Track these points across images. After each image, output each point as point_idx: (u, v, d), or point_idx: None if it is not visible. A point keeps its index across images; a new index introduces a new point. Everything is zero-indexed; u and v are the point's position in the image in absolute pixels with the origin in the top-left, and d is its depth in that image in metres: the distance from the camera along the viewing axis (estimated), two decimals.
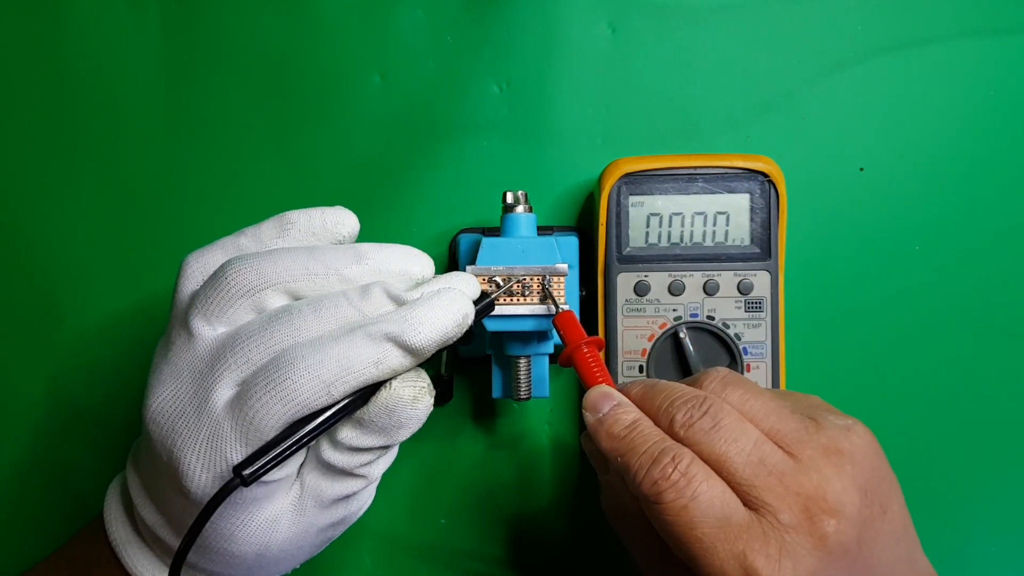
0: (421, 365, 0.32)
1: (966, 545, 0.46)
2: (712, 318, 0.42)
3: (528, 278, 0.37)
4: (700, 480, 0.29)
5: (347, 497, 0.33)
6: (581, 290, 0.43)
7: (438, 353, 0.33)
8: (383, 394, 0.30)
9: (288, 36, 0.47)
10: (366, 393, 0.31)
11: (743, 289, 0.41)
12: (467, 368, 0.46)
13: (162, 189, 0.47)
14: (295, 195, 0.47)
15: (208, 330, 0.31)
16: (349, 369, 0.29)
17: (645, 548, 0.34)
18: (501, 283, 0.36)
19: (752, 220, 0.41)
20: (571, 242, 0.42)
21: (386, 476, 0.46)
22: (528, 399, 0.40)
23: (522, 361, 0.40)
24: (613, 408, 0.33)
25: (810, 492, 0.30)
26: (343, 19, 0.46)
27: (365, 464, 0.32)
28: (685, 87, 0.46)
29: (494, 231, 0.43)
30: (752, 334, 0.42)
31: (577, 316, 0.43)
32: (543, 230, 0.44)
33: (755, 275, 0.41)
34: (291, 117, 0.47)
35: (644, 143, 0.46)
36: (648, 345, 0.42)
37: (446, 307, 0.31)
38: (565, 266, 0.37)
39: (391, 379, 0.31)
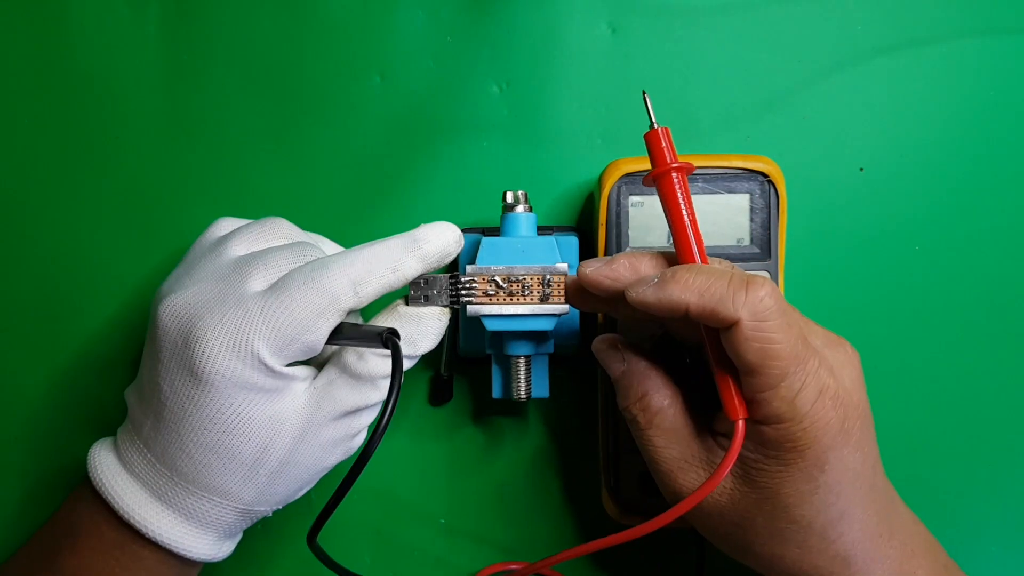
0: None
1: (966, 545, 0.46)
2: None
3: (528, 278, 0.37)
4: (784, 303, 0.31)
5: (358, 411, 0.35)
6: None
7: (438, 352, 0.35)
8: (412, 307, 0.36)
9: (288, 36, 0.47)
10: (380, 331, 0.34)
11: None
12: (467, 368, 0.46)
13: (162, 189, 0.47)
14: (295, 195, 0.47)
15: (240, 248, 0.35)
16: (372, 271, 0.34)
17: (678, 432, 0.34)
18: (501, 283, 0.37)
19: (752, 220, 0.41)
20: (571, 242, 0.42)
21: (386, 475, 0.47)
22: (528, 399, 0.40)
23: (522, 361, 0.40)
24: (679, 267, 0.32)
25: (825, 332, 0.34)
26: (343, 19, 0.46)
27: (384, 376, 0.35)
28: (685, 87, 0.46)
29: (494, 231, 0.43)
30: None
31: (577, 316, 0.43)
32: (543, 230, 0.44)
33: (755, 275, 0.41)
34: (291, 117, 0.47)
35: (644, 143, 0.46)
36: (648, 345, 0.42)
37: (445, 227, 0.36)
38: (565, 266, 0.37)
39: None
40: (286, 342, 0.32)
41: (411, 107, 0.46)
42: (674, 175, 0.34)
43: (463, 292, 0.37)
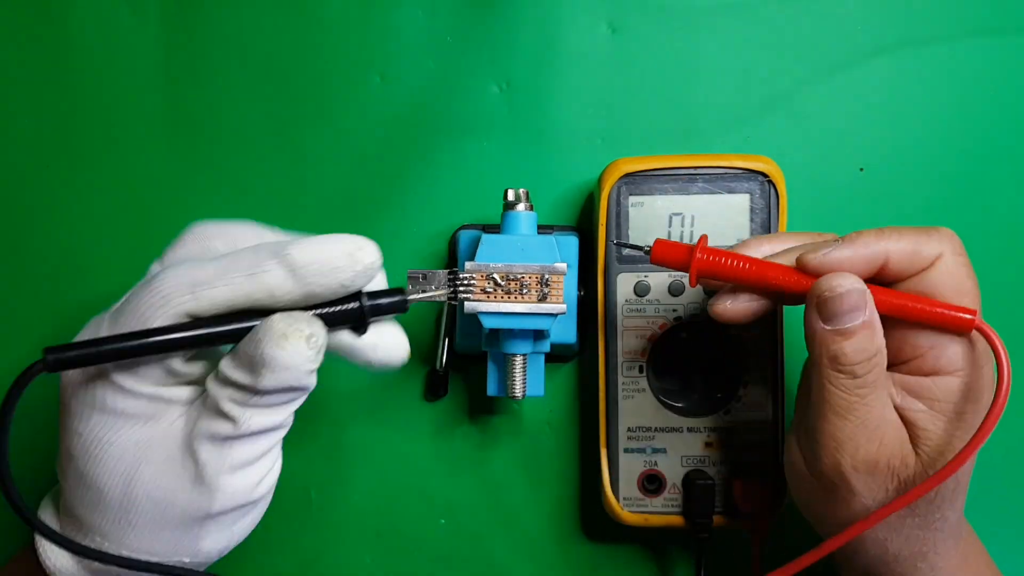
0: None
1: None
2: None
3: (526, 276, 0.37)
4: None
5: (217, 441, 0.30)
6: (579, 290, 0.43)
7: (434, 348, 0.33)
8: (259, 324, 0.29)
9: (288, 36, 0.47)
10: (234, 328, 0.29)
11: None
12: (462, 365, 0.46)
13: (162, 189, 0.47)
14: (295, 195, 0.47)
15: (156, 267, 0.32)
16: (225, 274, 0.29)
17: (885, 393, 0.33)
18: (499, 281, 0.36)
19: (752, 220, 0.41)
20: (571, 242, 0.42)
21: (383, 472, 0.47)
22: (523, 397, 0.40)
23: (518, 359, 0.40)
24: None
25: None
26: (343, 19, 0.46)
27: (235, 403, 0.29)
28: (685, 87, 0.46)
29: (494, 228, 0.43)
30: (752, 334, 0.42)
31: (575, 316, 0.43)
32: (543, 229, 0.44)
33: None
34: (291, 117, 0.47)
35: (644, 143, 0.46)
36: (648, 345, 0.42)
37: (337, 240, 0.30)
38: (564, 265, 0.37)
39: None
40: (131, 363, 0.29)
41: (411, 107, 0.46)
42: (699, 254, 0.34)
43: (461, 288, 0.36)
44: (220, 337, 0.29)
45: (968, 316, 0.32)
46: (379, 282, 0.33)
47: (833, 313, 0.32)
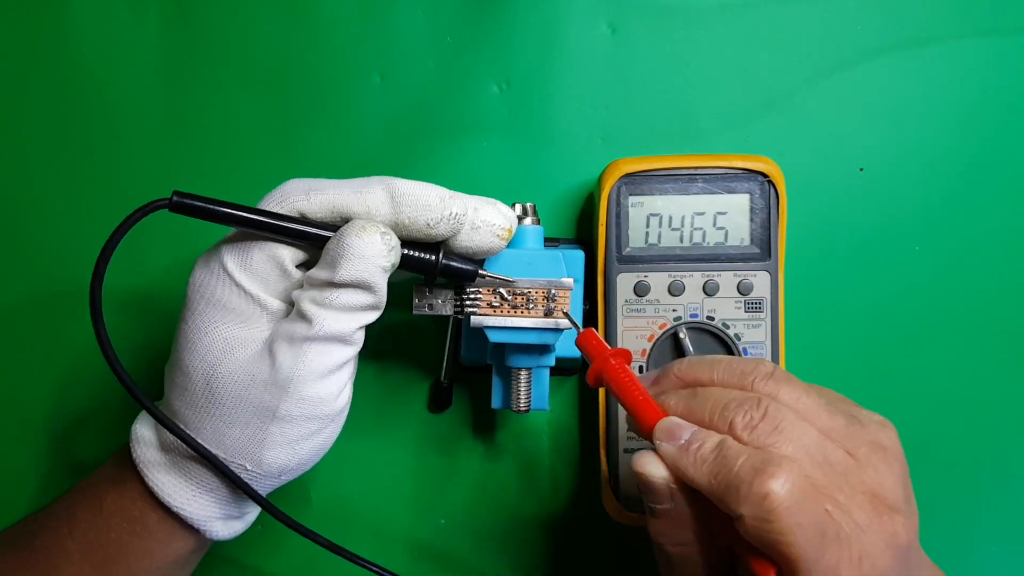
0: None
1: (966, 545, 0.46)
2: (712, 318, 0.42)
3: (533, 291, 0.37)
4: (806, 491, 0.28)
5: (294, 342, 0.32)
6: (585, 304, 0.43)
7: (439, 359, 0.34)
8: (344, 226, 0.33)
9: (288, 36, 0.47)
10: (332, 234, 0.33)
11: (743, 289, 0.41)
12: (467, 377, 0.46)
13: (162, 189, 0.47)
14: None
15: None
16: (334, 186, 0.33)
17: None
18: (505, 295, 0.36)
19: (752, 220, 0.41)
20: (577, 256, 0.42)
21: (387, 478, 0.47)
22: (528, 411, 0.40)
23: (523, 373, 0.40)
24: (694, 434, 0.30)
25: (874, 490, 0.29)
26: (343, 19, 0.46)
27: (314, 302, 0.32)
28: (685, 87, 0.46)
29: None
30: (752, 334, 0.42)
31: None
32: (549, 242, 0.44)
33: (755, 275, 0.41)
34: (291, 117, 0.47)
35: (644, 143, 0.46)
36: (648, 345, 0.42)
37: (436, 187, 0.34)
38: (570, 280, 0.37)
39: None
40: (246, 250, 0.33)
41: (411, 107, 0.46)
42: (612, 360, 0.33)
43: (467, 302, 0.36)
44: (316, 235, 0.33)
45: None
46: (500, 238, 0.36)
47: (643, 490, 0.32)
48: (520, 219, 0.39)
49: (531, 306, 0.37)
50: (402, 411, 0.47)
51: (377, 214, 0.33)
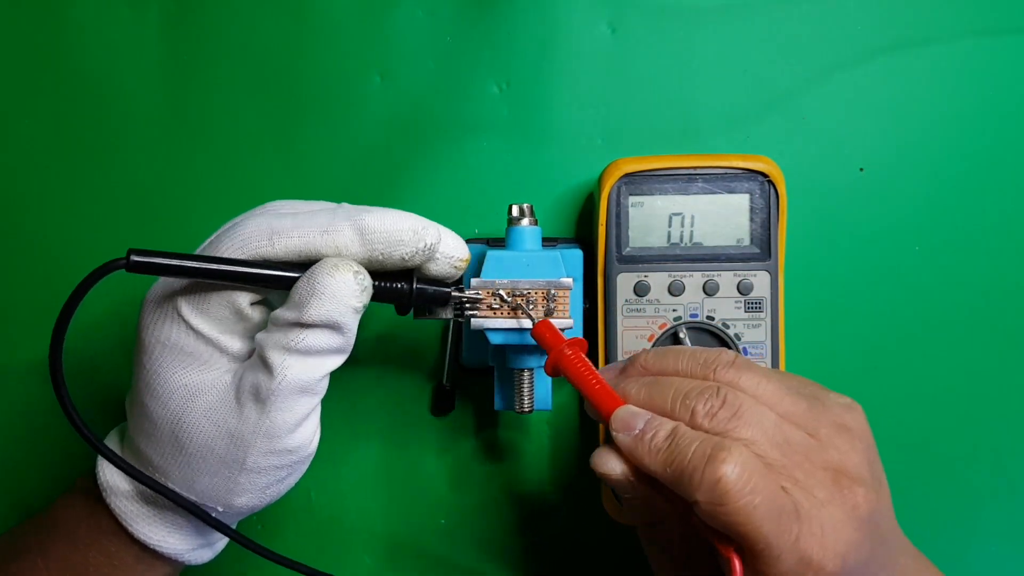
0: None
1: (966, 545, 0.46)
2: (712, 318, 0.42)
3: (532, 292, 0.37)
4: (758, 473, 0.29)
5: (259, 399, 0.31)
6: (585, 302, 0.43)
7: (440, 362, 0.34)
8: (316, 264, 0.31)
9: (288, 36, 0.47)
10: (300, 275, 0.31)
11: (743, 289, 0.41)
12: (469, 379, 0.46)
13: (162, 189, 0.47)
14: (295, 194, 0.46)
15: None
16: (298, 227, 0.31)
17: (675, 562, 0.33)
18: (505, 297, 0.36)
19: (752, 220, 0.41)
20: (575, 255, 0.42)
21: (388, 481, 0.47)
22: (531, 412, 0.40)
23: (525, 374, 0.40)
24: (648, 422, 0.31)
25: (835, 466, 0.30)
26: (343, 19, 0.46)
27: (279, 347, 0.31)
28: (685, 87, 0.46)
29: (499, 242, 0.43)
30: (752, 334, 0.42)
31: (581, 329, 0.43)
32: (547, 242, 0.44)
33: (755, 275, 0.41)
34: (291, 117, 0.47)
35: (644, 143, 0.46)
36: (648, 345, 0.42)
37: (407, 216, 0.32)
38: (570, 280, 0.37)
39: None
40: (203, 296, 0.31)
41: (411, 107, 0.46)
42: (568, 351, 0.34)
43: (467, 305, 0.36)
44: (284, 277, 0.31)
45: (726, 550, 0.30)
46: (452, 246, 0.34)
47: (606, 483, 0.33)
48: (518, 220, 0.39)
49: (531, 307, 0.37)
50: (405, 415, 0.47)
51: (347, 255, 0.32)
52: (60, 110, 0.47)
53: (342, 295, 0.31)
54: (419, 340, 0.46)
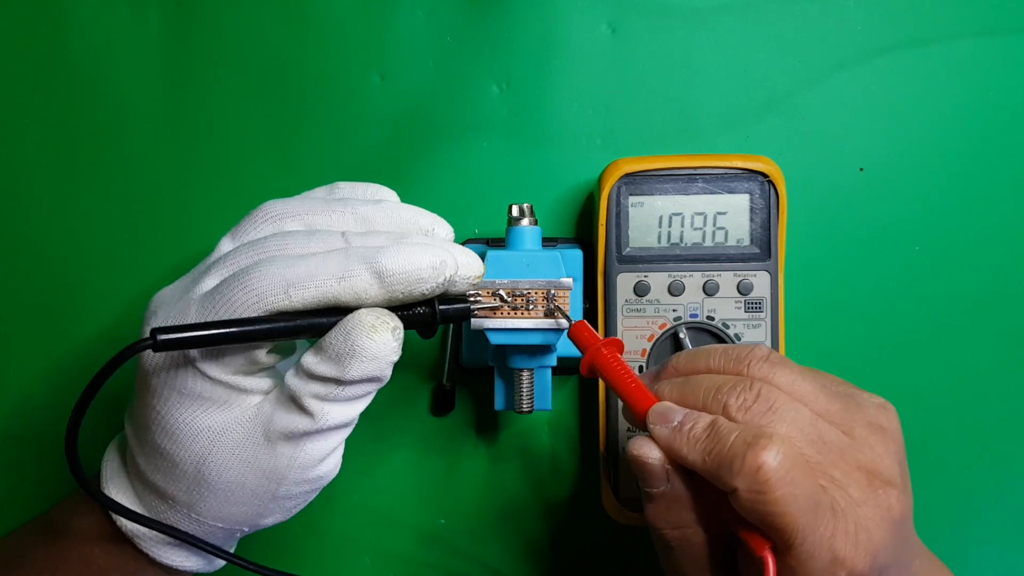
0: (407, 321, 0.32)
1: (966, 545, 0.46)
2: (712, 318, 0.42)
3: (532, 292, 0.37)
4: (799, 464, 0.28)
5: (293, 438, 0.31)
6: (585, 302, 0.43)
7: (440, 363, 0.33)
8: (346, 318, 0.31)
9: (288, 36, 0.47)
10: (326, 321, 0.31)
11: (743, 289, 0.41)
12: (469, 379, 0.46)
13: (162, 189, 0.47)
14: (295, 194, 0.47)
15: (228, 244, 0.33)
16: (313, 276, 0.30)
17: (701, 560, 0.32)
18: (505, 296, 0.36)
19: (752, 220, 0.42)
20: (575, 255, 0.42)
21: (389, 481, 0.47)
22: (531, 412, 0.40)
23: (525, 374, 0.40)
24: (687, 415, 0.31)
25: (869, 466, 0.30)
26: (343, 19, 0.46)
27: (317, 397, 0.31)
28: (685, 87, 0.46)
29: (499, 242, 0.43)
30: (752, 334, 0.42)
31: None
32: (547, 241, 0.44)
33: (755, 275, 0.41)
34: (291, 117, 0.47)
35: (644, 143, 0.46)
36: (648, 345, 0.42)
37: (427, 249, 0.31)
38: (570, 280, 0.37)
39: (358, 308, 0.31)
40: (219, 347, 0.30)
41: (411, 107, 0.46)
42: (604, 350, 0.34)
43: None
44: (311, 329, 0.31)
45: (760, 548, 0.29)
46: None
47: (639, 474, 0.32)
48: (518, 220, 0.39)
49: (531, 307, 0.37)
50: (405, 415, 0.47)
51: (367, 300, 0.31)
52: (60, 110, 0.47)
53: (383, 355, 0.31)
54: (419, 340, 0.46)
